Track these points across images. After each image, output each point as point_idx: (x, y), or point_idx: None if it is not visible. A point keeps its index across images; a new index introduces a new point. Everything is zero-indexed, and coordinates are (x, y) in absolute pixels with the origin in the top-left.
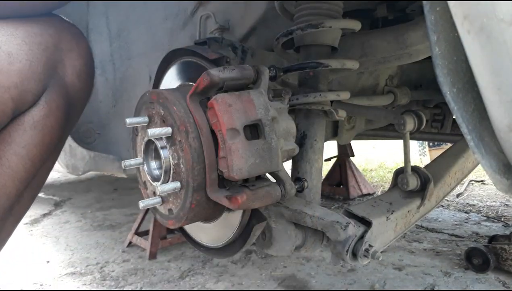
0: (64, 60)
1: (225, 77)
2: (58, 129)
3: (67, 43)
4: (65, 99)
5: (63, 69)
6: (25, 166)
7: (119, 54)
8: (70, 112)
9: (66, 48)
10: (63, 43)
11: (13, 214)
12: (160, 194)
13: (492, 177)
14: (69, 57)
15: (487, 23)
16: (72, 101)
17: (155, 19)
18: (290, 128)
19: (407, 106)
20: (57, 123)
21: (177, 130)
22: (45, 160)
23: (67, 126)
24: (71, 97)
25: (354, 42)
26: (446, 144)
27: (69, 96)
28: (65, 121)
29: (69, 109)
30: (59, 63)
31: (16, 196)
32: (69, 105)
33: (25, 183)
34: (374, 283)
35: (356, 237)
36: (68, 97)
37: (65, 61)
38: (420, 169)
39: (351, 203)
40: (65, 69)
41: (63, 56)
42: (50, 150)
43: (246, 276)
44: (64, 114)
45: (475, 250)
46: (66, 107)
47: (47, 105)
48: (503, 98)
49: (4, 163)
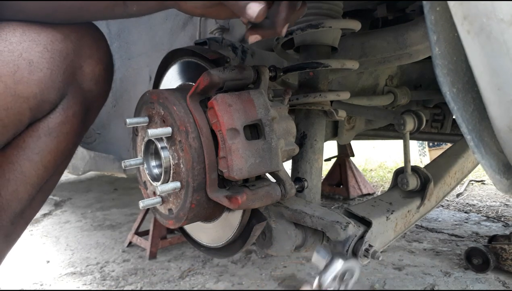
0: (83, 67)
1: (225, 77)
2: (73, 136)
3: (88, 49)
4: (82, 105)
5: (82, 75)
6: (38, 171)
7: (119, 54)
8: (86, 118)
9: (86, 54)
10: (84, 49)
11: (23, 217)
12: (160, 194)
13: (492, 177)
14: (89, 63)
15: (487, 23)
16: (89, 107)
17: (155, 19)
18: (290, 128)
19: (407, 106)
20: (72, 130)
21: (177, 130)
22: (58, 165)
23: (82, 132)
24: (88, 103)
25: (354, 42)
26: (446, 144)
27: (86, 102)
28: (81, 128)
29: (85, 116)
30: (79, 70)
31: (28, 201)
32: (86, 112)
33: (37, 188)
34: (374, 283)
35: (356, 237)
36: (85, 103)
37: (84, 67)
38: (420, 169)
39: (351, 203)
40: (84, 76)
41: (82, 62)
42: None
43: (246, 276)
44: (80, 121)
45: (475, 250)
46: (82, 113)
47: (64, 112)
48: (503, 98)
49: (16, 168)
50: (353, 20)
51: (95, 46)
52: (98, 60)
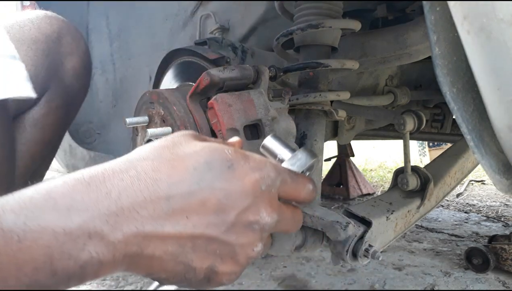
0: (64, 63)
1: (225, 77)
2: (57, 128)
3: (68, 47)
4: (64, 99)
5: (63, 71)
6: (26, 162)
7: (119, 54)
8: (68, 111)
9: (66, 52)
10: (64, 47)
11: None
12: None
13: (492, 177)
14: (69, 60)
15: (487, 23)
16: (71, 101)
17: (155, 19)
18: (290, 128)
19: (407, 106)
20: (56, 122)
21: (177, 130)
22: (45, 157)
23: (66, 125)
24: (69, 97)
25: (354, 42)
26: (446, 144)
27: (68, 96)
28: (64, 120)
29: (67, 109)
30: (60, 66)
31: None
32: (68, 104)
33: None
34: (374, 283)
35: (356, 237)
36: (67, 97)
37: (65, 64)
38: (420, 169)
39: (351, 203)
40: (65, 72)
41: (63, 59)
42: (50, 147)
43: (246, 276)
44: (63, 113)
45: (475, 250)
46: (65, 106)
47: (47, 104)
48: (503, 98)
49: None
50: (353, 20)
51: (75, 44)
52: (78, 58)
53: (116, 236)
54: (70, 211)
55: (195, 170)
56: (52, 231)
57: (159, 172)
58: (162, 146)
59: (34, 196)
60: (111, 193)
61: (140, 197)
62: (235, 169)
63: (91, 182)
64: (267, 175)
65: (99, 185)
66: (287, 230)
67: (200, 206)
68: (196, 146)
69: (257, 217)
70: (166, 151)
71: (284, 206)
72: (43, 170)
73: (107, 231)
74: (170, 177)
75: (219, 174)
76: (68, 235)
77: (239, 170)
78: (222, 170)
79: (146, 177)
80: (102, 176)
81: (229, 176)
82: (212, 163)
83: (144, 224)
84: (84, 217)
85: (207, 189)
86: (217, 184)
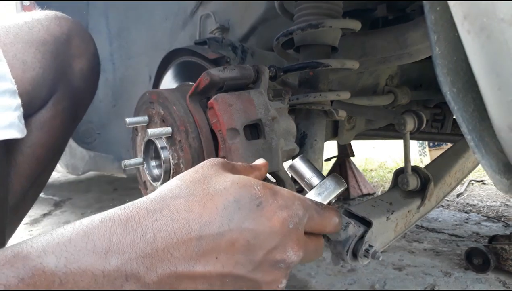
0: (72, 65)
1: (225, 77)
2: (63, 130)
3: (77, 49)
4: (72, 101)
5: (71, 73)
6: (31, 165)
7: (119, 54)
8: (75, 113)
9: (75, 54)
10: (73, 49)
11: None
12: None
13: (492, 177)
14: (78, 62)
15: (487, 23)
16: (78, 103)
17: (155, 19)
18: (290, 128)
19: (407, 106)
20: (63, 125)
21: (177, 130)
22: (50, 159)
23: (72, 127)
24: (77, 99)
25: (354, 42)
26: (446, 144)
27: (75, 98)
28: (71, 123)
29: (74, 111)
30: (68, 68)
31: (21, 194)
32: (75, 107)
33: (30, 181)
34: (374, 283)
35: (356, 237)
36: (74, 99)
37: (73, 66)
38: (420, 169)
39: (351, 203)
40: (73, 74)
41: (72, 61)
42: (56, 150)
43: None
44: (70, 115)
45: (475, 250)
46: (72, 109)
47: (54, 107)
48: (503, 98)
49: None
50: (353, 20)
51: (84, 46)
52: (86, 59)
53: (151, 277)
54: (108, 253)
55: (225, 209)
56: (91, 274)
57: (191, 212)
58: (194, 181)
59: (73, 238)
60: (146, 235)
61: (174, 238)
62: (264, 207)
63: (127, 223)
64: (295, 213)
65: (134, 225)
66: (310, 261)
67: (229, 246)
68: (226, 181)
69: (284, 256)
70: (198, 188)
71: (309, 240)
72: (48, 173)
73: (143, 272)
74: (201, 217)
75: (248, 213)
76: (107, 277)
77: (267, 208)
78: (251, 209)
79: (179, 217)
80: (137, 216)
81: (257, 215)
82: (241, 201)
83: (176, 264)
84: (121, 260)
85: (236, 229)
86: (246, 224)
